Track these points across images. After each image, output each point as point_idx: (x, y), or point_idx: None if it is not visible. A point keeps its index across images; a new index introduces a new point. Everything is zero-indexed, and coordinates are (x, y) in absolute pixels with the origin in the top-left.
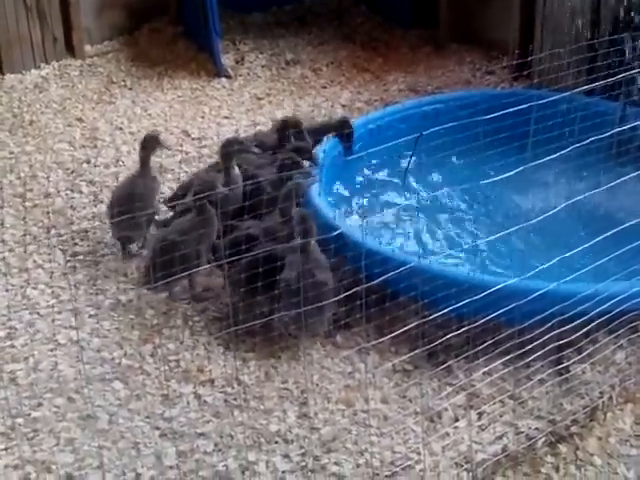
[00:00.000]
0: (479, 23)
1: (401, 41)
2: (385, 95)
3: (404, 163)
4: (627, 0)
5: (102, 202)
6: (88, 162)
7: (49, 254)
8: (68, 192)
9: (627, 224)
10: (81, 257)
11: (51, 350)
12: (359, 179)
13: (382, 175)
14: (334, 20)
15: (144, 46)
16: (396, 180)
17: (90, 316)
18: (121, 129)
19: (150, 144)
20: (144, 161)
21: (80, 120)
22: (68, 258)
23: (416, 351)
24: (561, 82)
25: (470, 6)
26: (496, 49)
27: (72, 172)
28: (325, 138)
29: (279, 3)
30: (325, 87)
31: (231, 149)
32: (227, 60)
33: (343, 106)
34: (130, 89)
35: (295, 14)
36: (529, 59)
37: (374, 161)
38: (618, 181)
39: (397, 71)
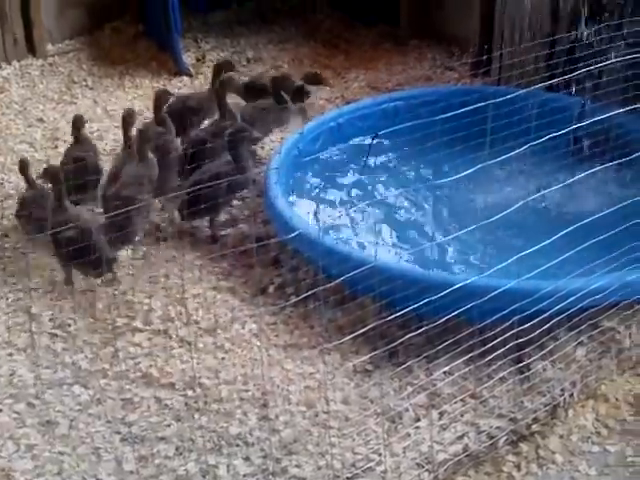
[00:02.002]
0: (440, 19)
1: (362, 38)
2: (346, 92)
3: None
4: None
5: None
6: (48, 163)
7: (9, 257)
8: None
9: (586, 220)
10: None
11: (9, 355)
12: (316, 179)
13: (340, 174)
14: (296, 17)
15: (105, 45)
16: (354, 179)
17: (50, 319)
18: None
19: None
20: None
21: (41, 120)
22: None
23: (377, 351)
24: (521, 78)
25: (431, 3)
26: (457, 45)
27: (33, 173)
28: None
29: (240, 1)
30: None
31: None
32: (188, 58)
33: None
34: (91, 89)
35: (256, 12)
36: (487, 57)
37: (335, 158)
38: (576, 177)
39: (358, 68)
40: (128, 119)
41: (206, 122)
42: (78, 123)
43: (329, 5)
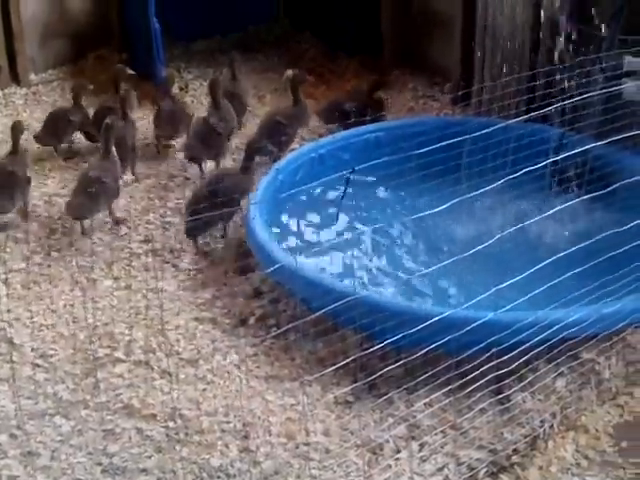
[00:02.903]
0: (421, 50)
1: (345, 68)
2: None
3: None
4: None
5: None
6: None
7: None
8: None
9: (566, 252)
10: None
11: None
12: (297, 211)
13: (320, 206)
14: (279, 47)
15: (89, 74)
16: (334, 211)
17: (32, 349)
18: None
19: None
20: None
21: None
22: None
23: (357, 384)
24: (502, 110)
25: (413, 33)
26: (439, 75)
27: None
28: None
29: (223, 31)
30: None
31: None
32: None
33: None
34: None
35: (240, 42)
36: (465, 90)
37: (317, 190)
38: (556, 209)
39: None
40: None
41: None
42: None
43: (312, 35)
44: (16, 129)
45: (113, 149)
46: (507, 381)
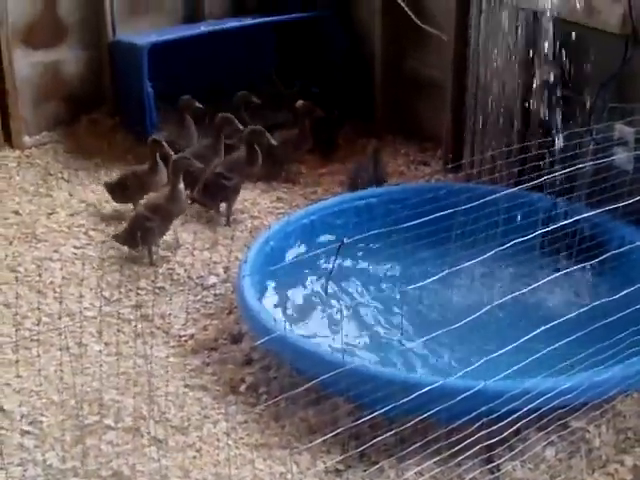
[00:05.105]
0: (413, 115)
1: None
2: (320, 188)
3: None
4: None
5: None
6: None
7: None
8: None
9: (557, 321)
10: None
11: None
12: (288, 280)
13: (312, 274)
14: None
15: (82, 137)
16: (324, 280)
17: (22, 416)
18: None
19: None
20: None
21: (16, 213)
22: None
23: (348, 453)
24: (495, 179)
25: (405, 98)
26: (430, 141)
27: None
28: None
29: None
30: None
31: None
32: None
33: (278, 198)
34: (67, 181)
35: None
36: (455, 155)
37: (307, 258)
38: (548, 279)
39: (333, 163)
40: None
41: None
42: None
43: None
44: None
45: None
46: (497, 450)
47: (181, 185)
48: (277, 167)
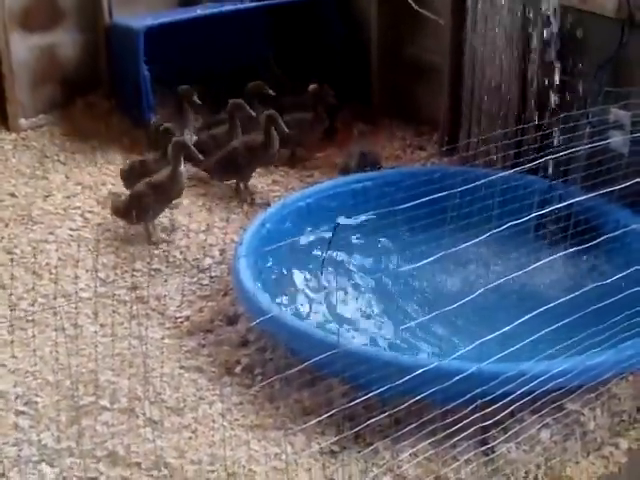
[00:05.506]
0: (410, 99)
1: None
2: (317, 172)
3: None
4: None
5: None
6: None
7: None
8: None
9: (551, 304)
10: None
11: None
12: (284, 262)
13: (307, 256)
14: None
15: (78, 120)
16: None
17: (17, 397)
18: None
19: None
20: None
21: (12, 195)
22: None
23: (343, 434)
24: (491, 161)
25: (402, 83)
26: (427, 125)
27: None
28: None
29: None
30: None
31: None
32: None
33: (274, 181)
34: (63, 164)
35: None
36: (455, 141)
37: (302, 239)
38: (544, 261)
39: (331, 146)
40: None
41: None
42: None
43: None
44: None
45: None
46: (492, 432)
47: (182, 167)
48: (293, 151)
